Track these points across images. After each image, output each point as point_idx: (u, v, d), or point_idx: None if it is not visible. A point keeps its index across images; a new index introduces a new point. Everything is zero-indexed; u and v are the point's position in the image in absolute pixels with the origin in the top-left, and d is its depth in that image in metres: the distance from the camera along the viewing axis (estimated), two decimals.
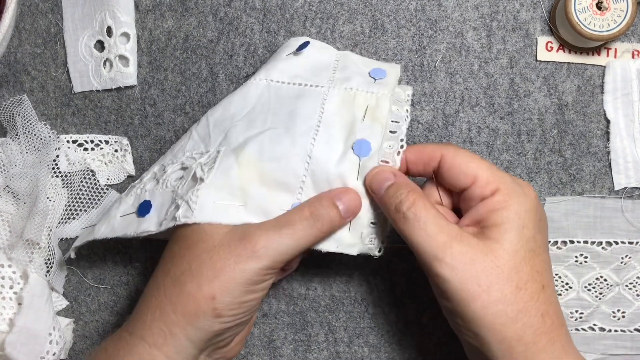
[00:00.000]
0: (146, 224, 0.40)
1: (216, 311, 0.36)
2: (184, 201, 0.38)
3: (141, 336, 0.36)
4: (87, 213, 0.49)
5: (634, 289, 0.47)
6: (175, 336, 0.36)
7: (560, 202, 0.47)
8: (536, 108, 0.47)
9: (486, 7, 0.47)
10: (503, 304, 0.34)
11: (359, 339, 0.48)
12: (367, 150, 0.39)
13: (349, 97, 0.41)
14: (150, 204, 0.41)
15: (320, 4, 0.47)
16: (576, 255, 0.47)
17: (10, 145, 0.47)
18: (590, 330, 0.47)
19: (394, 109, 0.41)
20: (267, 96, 0.43)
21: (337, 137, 0.40)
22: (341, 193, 0.39)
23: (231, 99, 0.43)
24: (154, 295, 0.37)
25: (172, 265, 0.37)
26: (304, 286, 0.48)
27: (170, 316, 0.36)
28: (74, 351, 0.50)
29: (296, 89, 0.42)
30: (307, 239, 0.37)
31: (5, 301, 0.44)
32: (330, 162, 0.39)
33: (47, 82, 0.50)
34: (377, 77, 0.42)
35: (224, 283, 0.35)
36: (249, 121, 0.41)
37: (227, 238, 0.37)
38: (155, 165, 0.44)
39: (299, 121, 0.40)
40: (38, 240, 0.45)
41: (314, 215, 0.37)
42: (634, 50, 0.46)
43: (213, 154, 0.41)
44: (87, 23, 0.49)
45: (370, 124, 0.40)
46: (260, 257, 0.36)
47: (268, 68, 0.44)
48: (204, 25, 0.48)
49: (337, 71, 0.43)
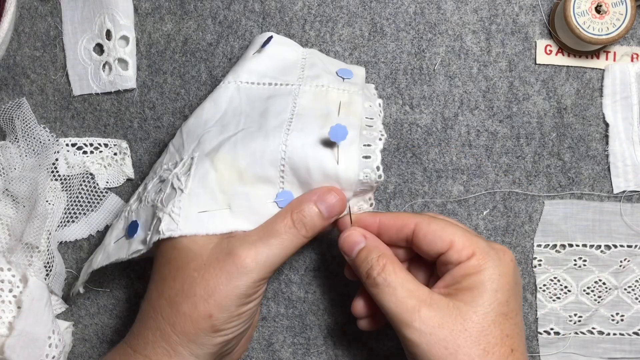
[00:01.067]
0: (135, 244, 0.40)
1: (215, 327, 0.36)
2: (165, 214, 0.38)
3: (145, 355, 0.37)
4: (86, 216, 0.49)
5: (633, 293, 0.47)
6: (180, 354, 0.36)
7: (559, 206, 0.47)
8: (535, 111, 0.47)
9: (485, 11, 0.46)
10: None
11: (357, 342, 0.48)
12: (344, 134, 0.37)
13: (321, 93, 0.41)
14: (137, 223, 0.40)
15: (320, 7, 0.47)
16: (575, 258, 0.47)
17: (10, 149, 0.47)
18: (589, 333, 0.47)
19: (367, 106, 0.41)
20: (238, 99, 0.42)
21: (311, 124, 0.39)
22: (323, 195, 0.38)
23: (203, 106, 0.43)
24: (151, 317, 0.37)
25: (164, 287, 0.37)
26: (303, 289, 0.48)
27: (172, 337, 0.36)
28: (73, 354, 0.50)
29: (267, 89, 0.42)
30: (294, 246, 0.38)
31: (4, 305, 0.44)
32: (306, 147, 0.38)
33: (46, 85, 0.50)
34: (345, 77, 0.42)
35: (219, 301, 0.36)
36: (221, 126, 0.41)
37: (214, 254, 0.37)
38: (140, 186, 0.44)
39: (271, 117, 0.40)
40: (37, 244, 0.45)
41: (297, 224, 0.38)
42: (633, 54, 0.46)
43: (187, 161, 0.40)
44: (87, 26, 0.49)
45: (346, 117, 0.40)
46: (251, 271, 0.36)
47: (236, 70, 0.43)
48: (203, 29, 0.48)
49: (305, 69, 0.43)
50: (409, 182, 0.47)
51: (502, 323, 0.35)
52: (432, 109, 0.47)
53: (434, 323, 0.35)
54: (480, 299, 0.35)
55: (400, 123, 0.47)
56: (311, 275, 0.48)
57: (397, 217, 0.39)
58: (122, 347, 0.38)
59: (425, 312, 0.35)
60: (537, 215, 0.47)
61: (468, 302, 0.35)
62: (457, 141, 0.47)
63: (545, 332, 0.47)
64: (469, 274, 0.36)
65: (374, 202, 0.41)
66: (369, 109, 0.41)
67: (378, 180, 0.39)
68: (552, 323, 0.47)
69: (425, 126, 0.47)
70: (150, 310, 0.38)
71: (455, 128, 0.47)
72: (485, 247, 0.37)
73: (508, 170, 0.47)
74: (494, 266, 0.36)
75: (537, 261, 0.47)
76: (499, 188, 0.47)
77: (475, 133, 0.47)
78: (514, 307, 0.36)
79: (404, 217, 0.39)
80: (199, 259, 0.37)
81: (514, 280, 0.36)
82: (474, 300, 0.35)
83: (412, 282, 0.37)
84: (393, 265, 0.37)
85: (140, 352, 0.37)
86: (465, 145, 0.47)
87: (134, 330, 0.39)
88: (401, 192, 0.47)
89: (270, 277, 0.38)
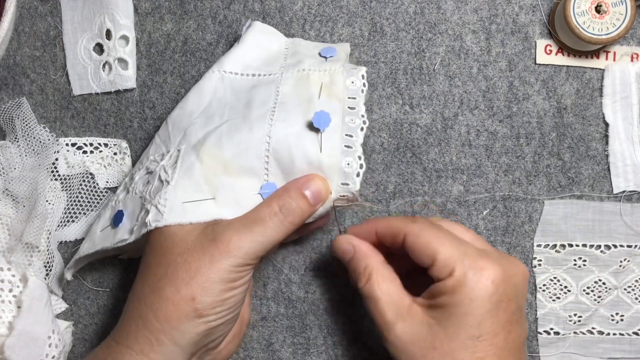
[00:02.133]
0: (120, 233, 0.40)
1: (198, 311, 0.36)
2: (152, 205, 0.38)
3: (128, 345, 0.36)
4: (86, 216, 0.49)
5: (633, 293, 0.47)
6: (162, 343, 0.36)
7: (559, 205, 0.47)
8: (535, 111, 0.47)
9: (485, 10, 0.46)
10: None
11: (357, 342, 0.48)
12: (327, 121, 0.38)
13: (303, 77, 0.41)
14: (122, 213, 0.41)
15: (320, 6, 0.47)
16: (575, 258, 0.47)
17: (10, 149, 0.47)
18: (589, 333, 0.47)
19: (349, 83, 0.41)
20: (222, 89, 0.42)
21: (294, 113, 0.39)
22: (308, 181, 0.39)
23: (187, 97, 0.43)
24: (134, 306, 0.37)
25: (149, 274, 0.37)
26: (302, 289, 0.48)
27: (154, 324, 0.36)
28: (73, 354, 0.50)
29: (250, 80, 0.42)
30: (279, 234, 0.38)
31: (4, 304, 0.44)
32: (290, 136, 0.38)
33: (46, 85, 0.50)
34: (328, 56, 0.42)
35: (202, 283, 0.36)
36: (206, 117, 0.41)
37: (199, 240, 0.37)
38: (126, 177, 0.44)
39: (255, 108, 0.40)
40: (37, 244, 0.45)
41: (283, 210, 0.38)
42: (632, 54, 0.46)
43: (174, 153, 0.40)
44: (86, 26, 0.49)
45: (327, 100, 0.40)
46: (235, 256, 0.36)
47: (221, 60, 0.44)
48: (203, 28, 0.48)
49: (287, 58, 0.43)
50: (409, 182, 0.47)
51: (473, 346, 0.35)
52: (432, 108, 0.47)
53: (407, 338, 0.36)
54: (449, 321, 0.35)
55: (400, 123, 0.47)
56: (311, 275, 0.48)
57: (390, 225, 0.39)
58: (107, 340, 0.38)
59: (400, 327, 0.36)
60: (537, 215, 0.47)
61: (439, 320, 0.36)
62: (457, 141, 0.47)
63: (545, 332, 0.47)
64: (444, 292, 0.36)
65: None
66: (352, 87, 0.41)
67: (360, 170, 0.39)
68: (552, 323, 0.47)
69: (425, 126, 0.47)
70: (134, 298, 0.38)
71: (455, 128, 0.47)
72: (465, 267, 0.36)
73: (508, 170, 0.47)
74: (469, 289, 0.35)
75: (537, 261, 0.47)
76: (499, 188, 0.47)
77: (475, 133, 0.47)
78: (492, 328, 0.35)
79: (396, 224, 0.39)
80: (183, 244, 0.37)
81: (493, 301, 0.35)
82: (444, 320, 0.35)
83: (395, 294, 0.37)
84: (377, 276, 0.38)
85: (123, 343, 0.37)
86: (465, 145, 0.47)
87: (119, 322, 0.39)
88: (401, 192, 0.47)
89: (256, 265, 0.38)
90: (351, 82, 0.41)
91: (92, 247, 0.42)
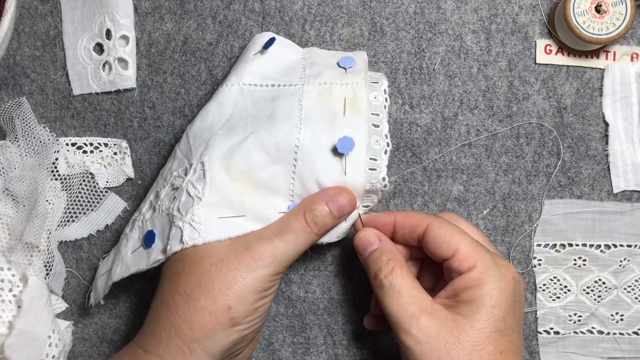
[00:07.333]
0: (155, 254, 0.40)
1: (233, 320, 0.36)
2: (185, 223, 0.39)
3: (158, 354, 0.37)
4: (86, 216, 0.49)
5: (633, 292, 0.47)
6: (195, 352, 0.36)
7: (559, 205, 0.47)
8: (535, 111, 0.47)
9: (485, 10, 0.47)
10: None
11: (357, 341, 0.48)
12: (351, 146, 0.39)
13: (325, 91, 0.41)
14: (153, 233, 0.41)
15: (320, 6, 0.47)
16: (575, 258, 0.47)
17: (10, 148, 0.47)
18: (589, 333, 0.47)
19: (372, 98, 0.42)
20: (242, 102, 0.43)
21: (318, 132, 0.40)
22: (335, 195, 0.40)
23: (207, 109, 0.43)
24: (164, 314, 0.37)
25: (179, 283, 0.38)
26: (302, 289, 0.48)
27: (188, 334, 0.36)
28: (73, 354, 0.50)
29: (270, 90, 0.43)
30: (307, 243, 0.39)
31: (4, 304, 0.44)
32: (316, 162, 0.40)
33: (46, 84, 0.50)
34: (347, 66, 0.43)
35: (238, 292, 0.36)
36: (228, 129, 0.41)
37: (232, 250, 0.38)
38: (150, 194, 0.44)
39: (279, 121, 0.40)
40: (37, 243, 0.45)
41: (310, 222, 0.39)
42: (632, 53, 0.46)
43: (197, 166, 0.41)
44: (87, 26, 0.49)
45: (353, 117, 0.40)
46: (269, 265, 0.37)
47: (238, 72, 0.44)
48: (203, 28, 0.48)
49: (306, 68, 0.43)
50: (409, 181, 0.47)
51: (496, 339, 0.35)
52: (432, 108, 0.47)
53: (431, 332, 0.35)
54: (477, 314, 0.35)
55: (400, 123, 0.47)
56: (311, 275, 0.48)
57: (412, 216, 0.40)
58: (132, 347, 0.38)
59: (424, 321, 0.36)
60: (537, 215, 0.47)
61: (465, 315, 0.36)
62: (457, 141, 0.47)
63: (545, 331, 0.47)
64: (469, 286, 0.36)
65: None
66: (375, 102, 0.42)
67: (384, 189, 0.41)
68: (552, 322, 0.47)
69: (425, 126, 0.47)
70: (164, 307, 0.38)
71: (455, 128, 0.47)
72: (488, 261, 0.37)
73: (508, 169, 0.47)
74: (494, 281, 0.36)
75: (537, 261, 0.47)
76: (498, 188, 0.47)
77: (475, 133, 0.47)
78: (511, 324, 0.36)
79: (419, 217, 0.40)
80: (216, 255, 0.38)
81: (513, 298, 0.36)
82: (471, 314, 0.36)
83: (416, 289, 0.37)
84: (401, 269, 0.38)
85: (153, 352, 0.37)
86: (465, 145, 0.47)
87: (145, 329, 0.38)
88: (401, 192, 0.47)
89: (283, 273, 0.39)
90: (374, 97, 0.42)
91: (126, 270, 0.42)
